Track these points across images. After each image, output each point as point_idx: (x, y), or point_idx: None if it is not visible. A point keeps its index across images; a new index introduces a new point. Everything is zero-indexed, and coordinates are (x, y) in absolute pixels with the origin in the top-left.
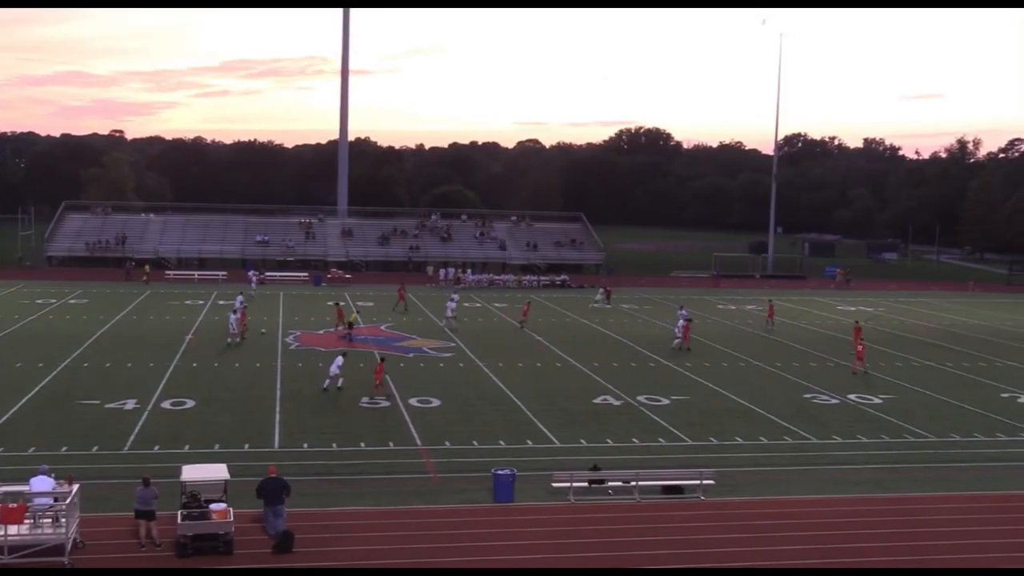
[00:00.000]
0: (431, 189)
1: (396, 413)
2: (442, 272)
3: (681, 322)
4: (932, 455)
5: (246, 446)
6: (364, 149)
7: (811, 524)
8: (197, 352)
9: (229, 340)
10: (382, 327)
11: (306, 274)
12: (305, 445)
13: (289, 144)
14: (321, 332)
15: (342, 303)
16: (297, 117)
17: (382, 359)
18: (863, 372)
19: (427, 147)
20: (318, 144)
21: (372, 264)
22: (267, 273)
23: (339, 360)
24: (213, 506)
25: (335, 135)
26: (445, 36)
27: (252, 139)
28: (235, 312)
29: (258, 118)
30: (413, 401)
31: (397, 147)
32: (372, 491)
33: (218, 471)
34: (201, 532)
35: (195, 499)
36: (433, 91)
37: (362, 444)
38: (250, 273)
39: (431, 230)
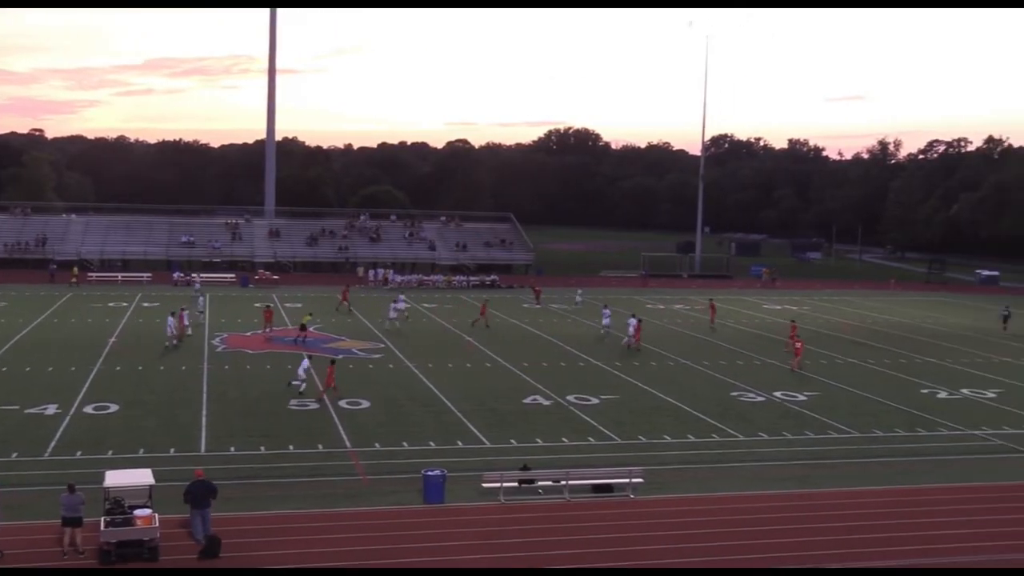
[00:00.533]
0: (360, 189)
1: (325, 415)
2: (371, 273)
3: (633, 322)
4: (855, 450)
5: (172, 450)
6: (291, 149)
7: (738, 520)
8: (121, 355)
9: (167, 343)
10: (311, 328)
11: (233, 275)
12: (232, 448)
13: (215, 144)
14: (248, 334)
15: (271, 305)
16: (223, 116)
17: (332, 361)
18: (799, 370)
19: (355, 147)
20: (245, 144)
21: (300, 265)
22: (192, 274)
23: (305, 363)
24: (137, 512)
25: (262, 135)
26: (373, 36)
27: (177, 139)
28: (174, 315)
29: (183, 117)
30: (342, 403)
31: (325, 147)
32: (300, 494)
33: (142, 476)
34: (125, 539)
35: (119, 505)
36: (361, 91)
37: (290, 447)
38: (194, 276)
39: (360, 231)
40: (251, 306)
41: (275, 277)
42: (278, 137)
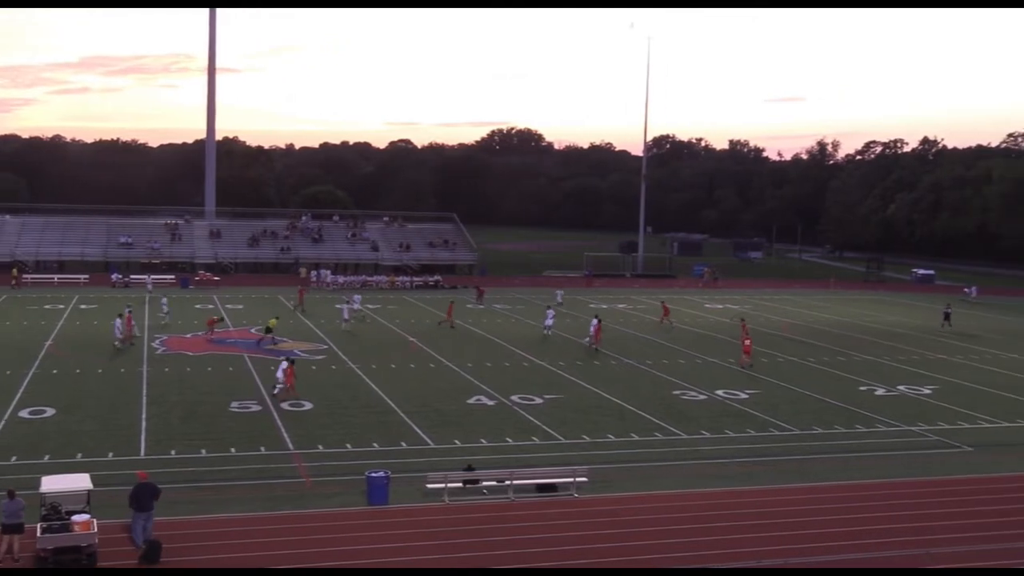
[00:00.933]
0: (301, 189)
1: (267, 417)
2: (314, 274)
3: (594, 322)
4: (796, 447)
5: (110, 454)
6: (232, 149)
7: (681, 518)
8: (58, 359)
9: (117, 344)
10: (252, 330)
11: (173, 277)
12: (173, 452)
13: (153, 143)
14: (189, 336)
15: (216, 316)
16: (161, 116)
17: (291, 361)
18: (749, 366)
19: (297, 147)
20: (184, 143)
21: (241, 266)
22: (132, 276)
23: (284, 365)
24: (75, 517)
25: (202, 134)
26: (313, 35)
27: (115, 138)
28: (121, 316)
29: (120, 116)
30: (285, 405)
31: (266, 147)
32: (243, 497)
33: (80, 481)
34: (62, 545)
35: (56, 511)
36: (303, 90)
37: (232, 450)
38: (146, 278)
39: (302, 231)
40: (192, 308)
41: (216, 278)
42: (218, 137)
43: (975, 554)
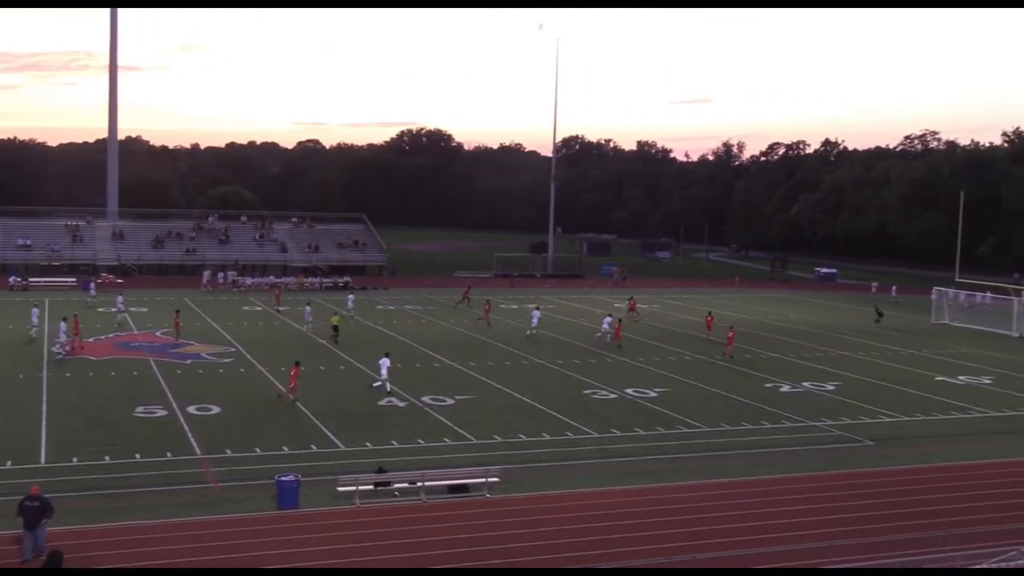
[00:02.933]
0: (207, 190)
1: (173, 422)
2: (220, 276)
3: (607, 319)
4: (704, 444)
5: (8, 463)
6: (135, 148)
7: (591, 516)
8: None
9: (56, 350)
10: (158, 333)
11: (74, 279)
12: (75, 459)
13: (53, 143)
14: (91, 340)
15: (77, 313)
16: (61, 114)
17: (297, 363)
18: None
19: (203, 147)
20: (85, 143)
21: (145, 268)
22: (31, 279)
23: (386, 362)
24: None
25: (103, 134)
26: (219, 33)
27: (11, 136)
28: (66, 320)
29: (17, 115)
30: (191, 409)
31: (171, 146)
32: (149, 504)
33: None
34: None
35: None
36: (208, 89)
37: (137, 456)
38: (89, 281)
39: (208, 232)
40: (95, 311)
41: (119, 281)
42: (121, 136)
43: (876, 545)
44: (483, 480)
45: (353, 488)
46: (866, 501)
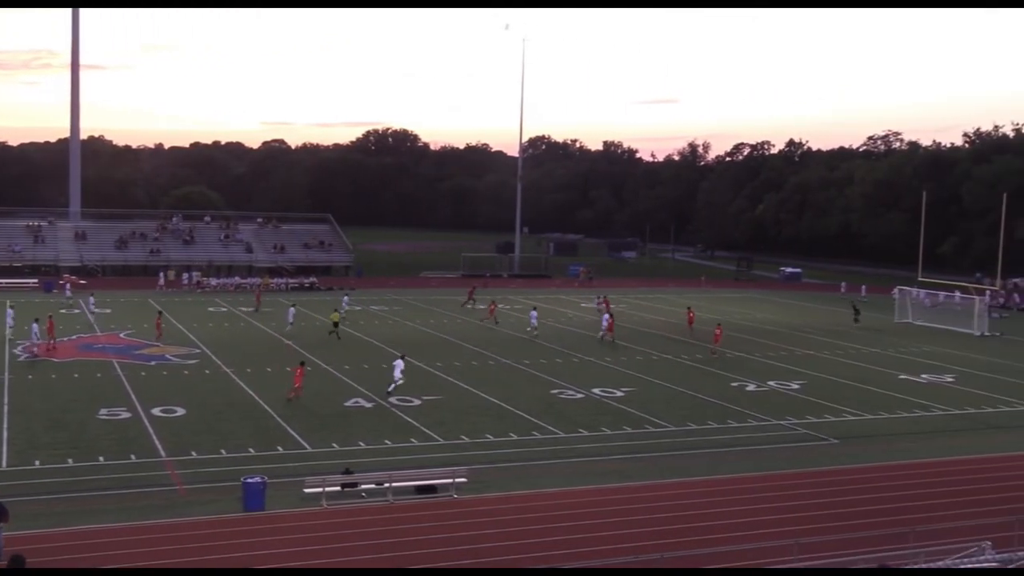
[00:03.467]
0: (172, 190)
1: (138, 424)
2: (185, 276)
3: (606, 317)
4: (671, 443)
5: None
6: (98, 148)
7: (559, 516)
8: None
9: (20, 352)
10: (121, 335)
11: (36, 280)
12: (37, 462)
13: (13, 142)
14: (53, 342)
15: (52, 315)
16: (22, 114)
17: (302, 363)
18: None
19: (167, 147)
20: (47, 142)
21: (109, 269)
22: (63, 279)
23: (400, 364)
24: None
25: (65, 133)
26: (184, 33)
27: None
28: (39, 321)
29: None
30: (156, 411)
31: (134, 146)
32: (113, 507)
33: None
34: None
35: None
36: (172, 89)
37: (101, 458)
38: (63, 282)
39: (173, 233)
40: (57, 312)
41: (82, 282)
42: (83, 136)
43: (841, 542)
44: (450, 480)
45: (320, 489)
46: (831, 499)
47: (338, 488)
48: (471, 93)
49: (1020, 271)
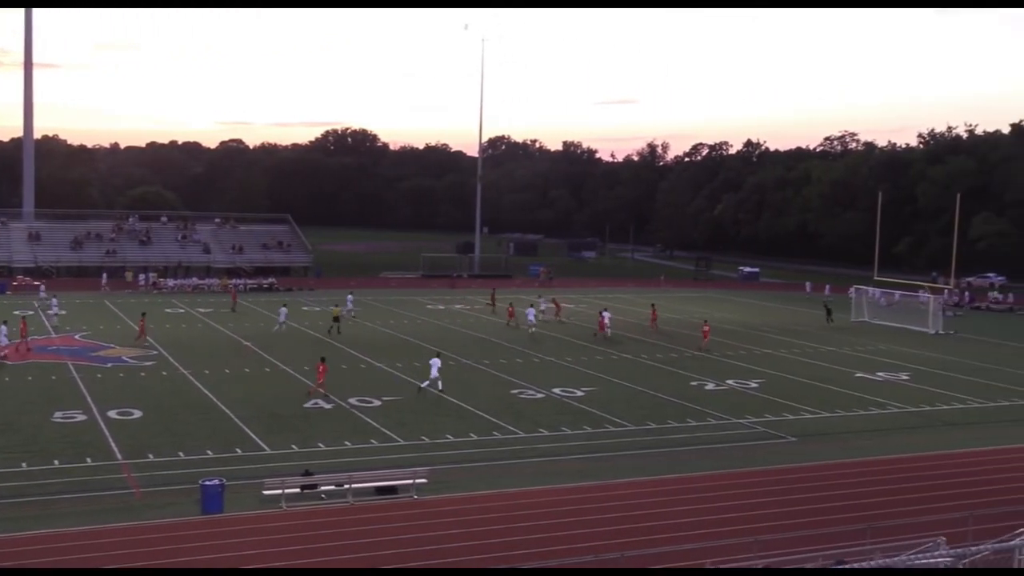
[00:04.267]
0: (128, 190)
1: (94, 427)
2: (141, 277)
3: (606, 314)
4: (631, 443)
5: None
6: (52, 148)
7: (519, 516)
8: None
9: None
10: (76, 336)
11: None
12: None
13: None
14: (4, 344)
15: (25, 316)
16: None
17: (322, 359)
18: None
19: (123, 146)
20: None
21: (64, 270)
22: (37, 281)
23: (437, 362)
24: None
25: (18, 132)
26: (138, 32)
27: None
28: (6, 323)
29: None
30: (112, 413)
31: (90, 146)
32: (68, 511)
33: None
34: None
35: None
36: (128, 88)
37: (56, 462)
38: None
39: (129, 233)
40: (10, 314)
41: (36, 283)
42: (37, 135)
43: (799, 539)
44: (411, 481)
45: (279, 491)
46: (789, 496)
47: (298, 490)
48: (431, 93)
49: (973, 270)
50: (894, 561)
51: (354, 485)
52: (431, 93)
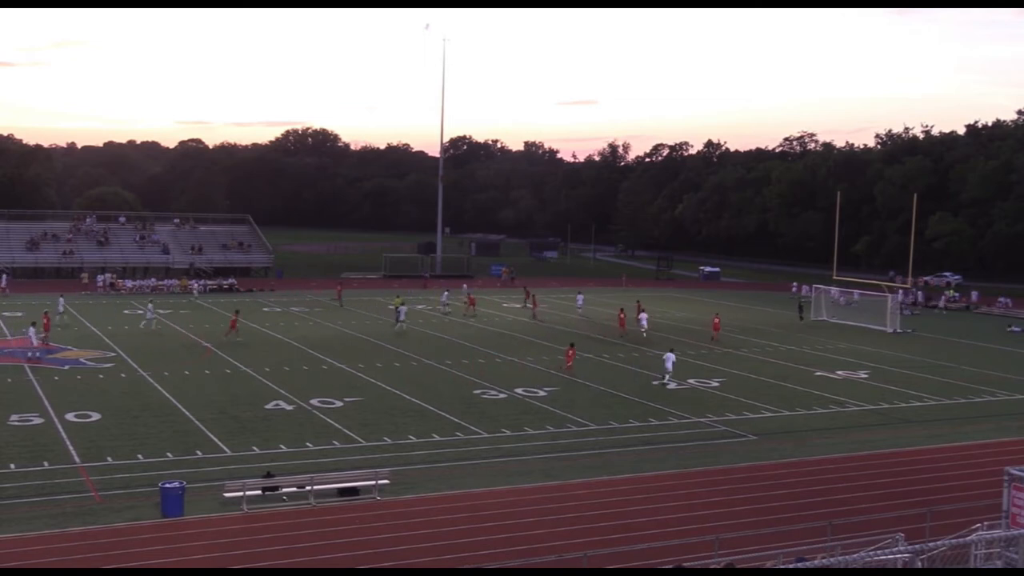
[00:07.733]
0: (85, 191)
1: (51, 430)
2: (99, 278)
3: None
4: (593, 442)
5: None
6: (7, 147)
7: (483, 516)
8: None
9: None
10: (33, 339)
11: None
12: None
13: None
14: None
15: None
16: None
17: (572, 344)
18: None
19: (79, 146)
20: None
21: (20, 271)
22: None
23: (672, 357)
24: None
25: None
26: (95, 29)
27: None
28: None
29: None
30: (70, 416)
31: (45, 145)
32: (25, 516)
33: None
34: None
35: None
36: (85, 86)
37: (11, 466)
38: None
39: (86, 234)
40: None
41: None
42: None
43: (761, 537)
44: (373, 482)
45: (240, 494)
46: (750, 494)
47: (259, 492)
48: (392, 93)
49: (930, 270)
50: (853, 558)
51: (316, 487)
52: (392, 93)
